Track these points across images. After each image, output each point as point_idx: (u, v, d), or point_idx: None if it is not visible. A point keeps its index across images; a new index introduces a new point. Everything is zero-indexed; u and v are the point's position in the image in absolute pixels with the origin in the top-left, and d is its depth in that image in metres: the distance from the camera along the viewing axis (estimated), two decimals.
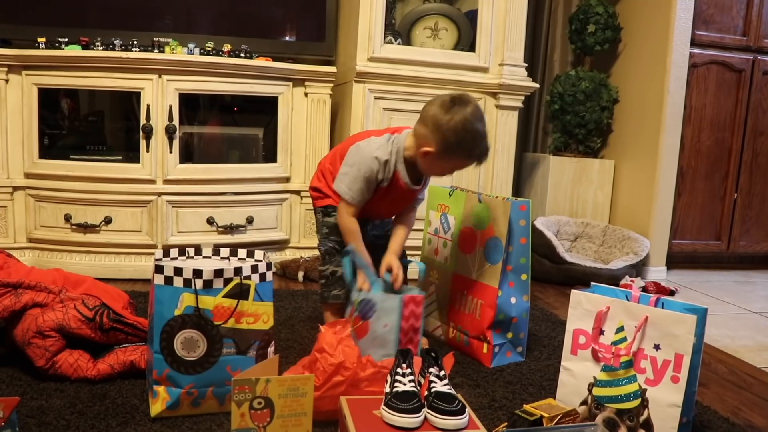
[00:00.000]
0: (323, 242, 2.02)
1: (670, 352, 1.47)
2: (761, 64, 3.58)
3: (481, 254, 2.01)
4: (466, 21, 3.19)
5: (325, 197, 2.02)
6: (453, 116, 1.75)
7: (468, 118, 1.75)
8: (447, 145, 1.77)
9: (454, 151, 1.79)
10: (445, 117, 1.76)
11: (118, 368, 1.63)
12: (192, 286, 1.43)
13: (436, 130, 1.77)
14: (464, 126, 1.75)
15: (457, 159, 1.83)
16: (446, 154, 1.80)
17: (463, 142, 1.77)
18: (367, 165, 1.86)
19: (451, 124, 1.75)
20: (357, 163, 1.88)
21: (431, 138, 1.78)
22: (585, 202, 3.63)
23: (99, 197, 2.68)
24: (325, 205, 2.02)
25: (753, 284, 3.49)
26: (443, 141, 1.77)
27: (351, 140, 2.01)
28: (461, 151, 1.79)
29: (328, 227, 2.01)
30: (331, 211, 2.00)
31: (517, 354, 2.03)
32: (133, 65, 2.66)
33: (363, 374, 1.47)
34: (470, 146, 1.79)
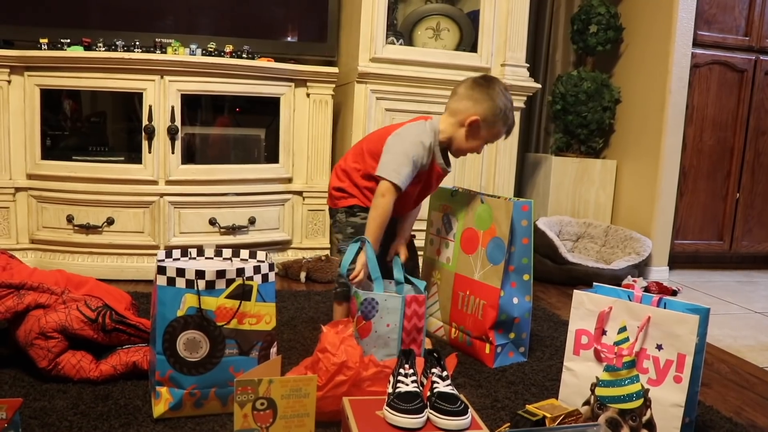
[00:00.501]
0: (347, 242, 1.97)
1: (673, 352, 1.47)
2: (763, 65, 3.58)
3: (483, 255, 2.01)
4: (468, 21, 3.19)
5: (350, 197, 2.00)
6: (493, 88, 1.95)
7: (504, 91, 1.97)
8: (493, 111, 1.93)
9: (497, 120, 1.95)
10: (487, 88, 1.94)
11: (121, 369, 1.63)
12: (194, 287, 1.43)
13: (480, 101, 1.93)
14: (505, 95, 1.95)
15: (497, 128, 1.97)
16: (492, 119, 1.94)
17: (505, 110, 1.95)
18: (414, 149, 1.90)
19: (494, 93, 1.93)
20: (403, 148, 1.91)
21: (475, 108, 1.93)
22: (587, 202, 3.63)
23: (101, 198, 2.69)
24: (350, 205, 2.00)
25: (755, 284, 3.49)
26: (490, 108, 1.93)
27: (376, 136, 2.02)
28: (502, 120, 1.96)
29: (354, 227, 1.99)
30: (357, 211, 1.99)
31: (519, 354, 2.03)
32: (135, 66, 2.66)
33: (365, 374, 1.46)
34: (508, 116, 1.97)
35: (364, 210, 1.97)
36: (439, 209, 2.22)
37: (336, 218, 2.04)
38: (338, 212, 2.03)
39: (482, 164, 3.10)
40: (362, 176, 1.97)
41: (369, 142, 2.02)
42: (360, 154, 2.01)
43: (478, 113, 1.93)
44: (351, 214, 2.01)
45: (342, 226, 2.02)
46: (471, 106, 1.94)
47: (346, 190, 2.01)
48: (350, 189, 2.00)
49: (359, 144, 2.06)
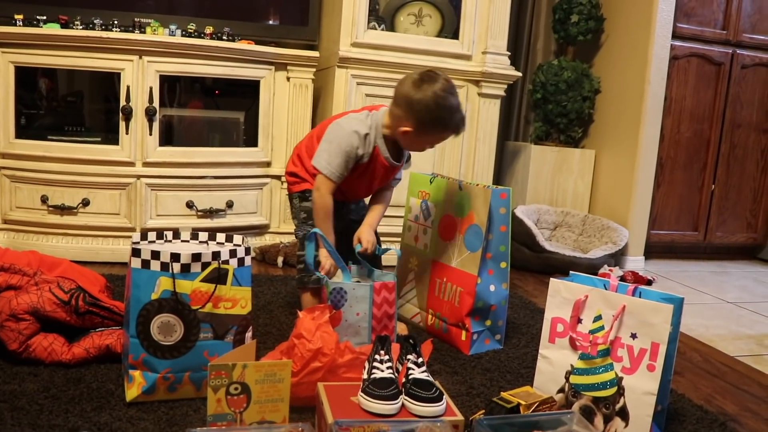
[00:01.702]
0: (301, 227, 2.02)
1: (647, 341, 1.48)
2: (740, 58, 3.62)
3: (461, 241, 2.01)
4: (450, 8, 3.18)
5: (303, 182, 2.01)
6: (424, 94, 1.81)
7: (438, 93, 1.81)
8: (422, 122, 1.84)
9: (430, 128, 1.86)
10: (417, 95, 1.81)
11: (94, 352, 1.61)
12: (169, 270, 1.41)
13: (409, 110, 1.83)
14: (436, 102, 1.81)
15: (434, 134, 1.89)
16: (423, 130, 1.86)
17: (437, 117, 1.83)
18: (346, 140, 1.88)
19: (423, 102, 1.81)
20: (337, 138, 1.89)
21: (406, 117, 1.85)
22: (565, 192, 3.65)
23: (77, 179, 2.65)
24: (302, 189, 2.01)
25: (728, 274, 3.54)
26: (418, 119, 1.83)
27: (327, 122, 2.00)
28: (437, 126, 1.86)
29: (306, 212, 2.00)
30: (309, 195, 1.98)
31: (495, 342, 2.03)
32: (113, 45, 2.62)
33: (341, 360, 1.46)
34: (445, 120, 1.85)
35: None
36: (418, 195, 2.22)
37: (292, 203, 2.05)
38: (293, 197, 2.04)
39: (461, 152, 3.10)
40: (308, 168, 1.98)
41: (321, 127, 2.01)
42: (311, 139, 2.01)
43: (410, 124, 1.85)
44: (303, 198, 2.01)
45: (296, 211, 2.02)
46: (403, 115, 1.85)
47: (299, 175, 2.01)
48: (302, 173, 2.00)
49: (315, 129, 2.06)
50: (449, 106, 1.84)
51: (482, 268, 1.96)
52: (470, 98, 3.07)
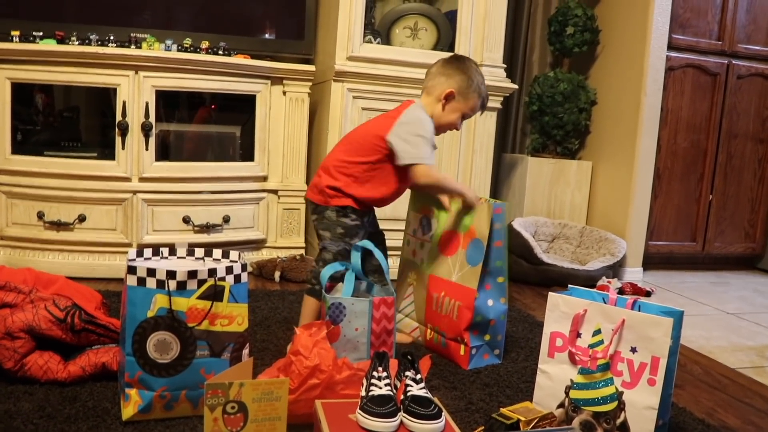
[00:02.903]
0: (336, 242, 1.96)
1: (647, 355, 1.47)
2: (735, 69, 3.63)
3: (462, 256, 2.00)
4: (445, 21, 3.18)
5: (345, 197, 1.97)
6: (464, 62, 2.07)
7: (475, 64, 2.09)
8: (466, 82, 2.02)
9: (471, 89, 2.03)
10: (458, 63, 2.05)
11: (90, 370, 1.60)
12: (165, 288, 1.40)
13: (452, 75, 2.03)
14: (476, 69, 2.06)
15: (473, 98, 2.05)
16: (465, 91, 2.03)
17: (478, 81, 2.04)
18: (429, 128, 1.99)
19: (465, 67, 2.04)
20: (418, 131, 1.96)
21: (448, 82, 2.02)
22: (562, 203, 3.64)
23: (73, 194, 2.64)
24: (344, 205, 1.98)
25: (727, 285, 3.53)
26: (463, 80, 2.02)
27: (363, 130, 2.04)
28: (477, 90, 2.04)
29: (345, 228, 1.97)
30: (350, 212, 1.97)
31: (494, 356, 2.02)
32: (109, 61, 2.62)
33: (339, 377, 1.45)
34: (483, 87, 2.06)
35: (356, 212, 1.97)
36: (419, 210, 2.20)
37: (324, 215, 1.99)
38: (328, 209, 1.99)
39: (458, 165, 3.10)
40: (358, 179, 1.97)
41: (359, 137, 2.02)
42: (350, 149, 1.99)
43: (452, 86, 2.02)
44: (344, 214, 1.97)
45: (331, 224, 1.97)
46: (444, 81, 2.03)
47: (342, 190, 1.97)
48: (346, 188, 1.96)
49: (349, 138, 2.06)
50: (483, 78, 2.08)
51: (480, 282, 1.95)
52: None
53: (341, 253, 1.95)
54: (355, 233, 1.97)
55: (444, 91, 2.02)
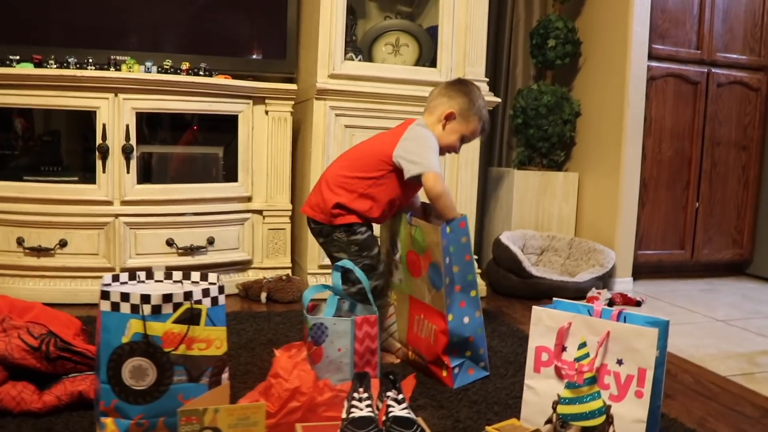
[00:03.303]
0: (357, 260, 1.95)
1: (633, 367, 1.45)
2: (715, 77, 3.65)
3: (427, 279, 1.94)
4: (427, 37, 3.18)
5: (350, 213, 1.97)
6: (467, 85, 2.10)
7: (478, 89, 2.12)
8: (468, 105, 2.05)
9: (473, 112, 2.06)
10: (460, 85, 2.09)
11: (66, 399, 1.56)
12: (140, 312, 1.37)
13: (454, 97, 2.06)
14: (478, 91, 2.10)
15: (474, 122, 2.08)
16: (467, 114, 2.06)
17: (479, 105, 2.08)
18: (434, 143, 2.02)
19: (468, 90, 2.08)
20: (424, 144, 1.99)
21: (450, 103, 2.06)
22: (550, 216, 3.63)
23: (53, 219, 2.61)
24: (351, 222, 1.97)
25: (717, 292, 3.52)
26: (464, 102, 2.05)
27: (368, 148, 2.06)
28: (478, 113, 2.08)
29: (358, 244, 1.98)
30: (357, 228, 1.98)
31: (480, 369, 1.97)
32: (88, 84, 2.60)
33: (320, 399, 1.42)
34: (484, 111, 2.10)
35: (363, 225, 1.98)
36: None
37: (334, 237, 1.98)
38: (335, 231, 1.98)
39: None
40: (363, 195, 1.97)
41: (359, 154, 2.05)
42: (352, 165, 2.00)
43: (453, 107, 2.05)
44: (352, 232, 1.97)
45: (344, 245, 1.96)
46: (446, 102, 2.06)
47: (347, 206, 1.96)
48: (351, 204, 1.96)
49: (349, 155, 2.07)
50: (485, 103, 2.13)
51: (452, 303, 1.89)
52: None
53: (366, 269, 1.94)
54: (369, 245, 2.00)
55: (445, 111, 2.05)
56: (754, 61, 3.76)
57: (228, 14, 3.05)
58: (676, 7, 3.53)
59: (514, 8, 3.83)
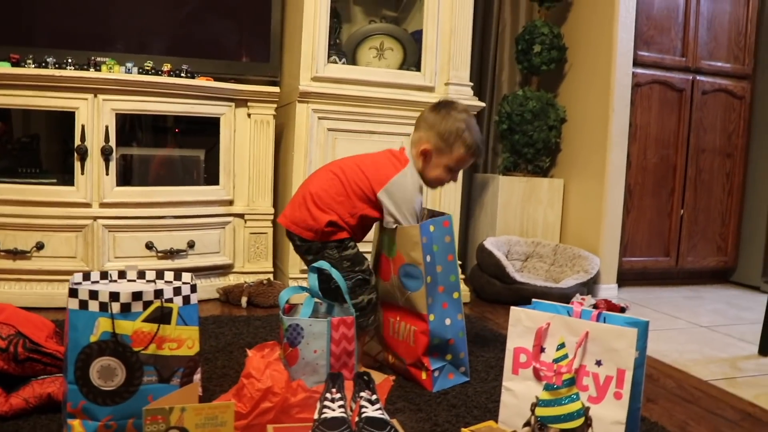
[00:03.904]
0: (351, 275, 1.93)
1: (612, 368, 1.43)
2: (700, 84, 3.67)
3: (397, 282, 1.91)
4: (411, 41, 3.17)
5: (341, 230, 1.94)
6: (444, 109, 1.95)
7: (461, 110, 1.96)
8: (444, 136, 1.92)
9: (450, 142, 1.93)
10: (437, 113, 1.95)
11: (34, 402, 1.52)
12: (108, 310, 1.34)
13: (431, 127, 1.94)
14: (457, 116, 1.93)
15: (456, 151, 1.95)
16: (443, 145, 1.94)
17: (459, 130, 1.92)
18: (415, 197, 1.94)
19: (445, 116, 1.93)
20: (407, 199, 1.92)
21: (426, 136, 1.95)
22: (535, 222, 3.61)
23: (30, 222, 2.57)
24: (342, 238, 1.94)
25: (701, 299, 3.51)
26: (439, 134, 1.93)
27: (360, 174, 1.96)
28: (460, 140, 1.93)
29: (350, 259, 1.94)
30: (348, 242, 1.95)
31: (460, 374, 1.94)
32: (67, 84, 2.56)
33: (294, 400, 1.39)
34: (467, 135, 1.94)
35: (350, 239, 1.96)
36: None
37: (325, 254, 1.94)
38: (327, 247, 1.94)
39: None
40: (350, 215, 1.94)
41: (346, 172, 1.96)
42: (340, 188, 1.94)
43: (429, 142, 1.95)
44: (343, 248, 1.94)
45: (335, 261, 1.91)
46: (423, 135, 1.96)
47: (338, 224, 1.93)
48: (341, 222, 1.93)
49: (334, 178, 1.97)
50: (470, 125, 1.95)
51: (435, 303, 1.86)
52: None
53: (358, 284, 1.93)
54: (360, 259, 1.96)
55: (420, 149, 1.96)
56: (738, 70, 3.77)
57: (211, 16, 3.03)
58: (661, 15, 3.54)
59: (500, 13, 3.83)
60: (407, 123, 2.96)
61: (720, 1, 3.69)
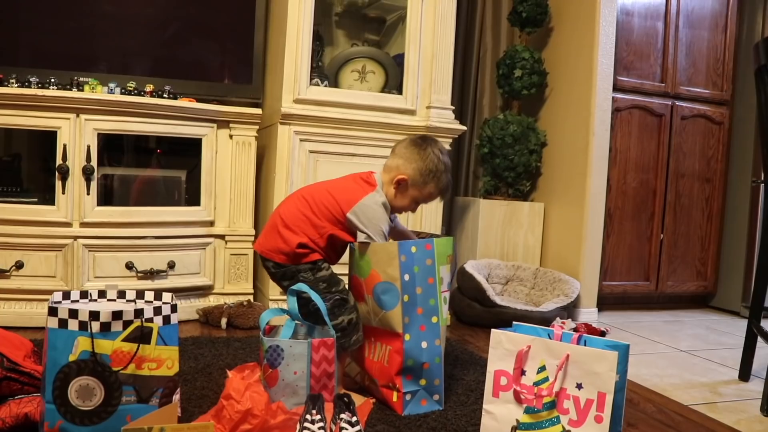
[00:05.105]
0: (328, 296, 1.92)
1: (593, 391, 1.44)
2: (679, 110, 3.72)
3: (371, 302, 1.90)
4: (393, 65, 3.20)
5: (312, 252, 1.95)
6: (427, 147, 2.00)
7: (441, 150, 2.03)
8: (422, 171, 1.98)
9: (428, 178, 2.00)
10: (419, 148, 2.00)
11: (10, 422, 1.50)
12: (88, 329, 1.33)
13: (411, 160, 1.99)
14: (439, 156, 2.00)
15: (429, 187, 2.02)
16: (421, 180, 2.00)
17: (436, 170, 1.99)
18: (383, 218, 1.98)
19: (426, 153, 1.99)
20: (375, 218, 1.96)
21: (405, 167, 1.99)
22: (516, 245, 3.63)
23: (9, 240, 2.55)
24: (314, 260, 1.95)
25: (681, 323, 3.53)
26: (418, 168, 1.98)
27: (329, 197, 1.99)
28: (435, 179, 2.00)
29: (326, 281, 1.95)
30: (321, 264, 1.96)
31: (434, 402, 1.89)
32: (49, 103, 2.55)
33: (273, 422, 1.38)
34: (442, 176, 2.02)
35: (324, 261, 1.97)
36: None
37: (300, 277, 1.94)
38: (300, 271, 1.95)
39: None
40: (319, 235, 1.96)
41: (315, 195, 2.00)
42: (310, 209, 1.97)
43: (407, 172, 1.99)
44: (318, 269, 1.95)
45: (311, 283, 1.92)
46: (401, 164, 2.00)
47: (308, 246, 1.94)
48: (311, 244, 1.95)
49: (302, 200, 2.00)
50: (446, 166, 2.03)
51: (412, 324, 1.84)
52: None
53: (336, 305, 1.93)
54: (336, 280, 1.97)
55: (397, 176, 2.00)
56: (717, 95, 3.84)
57: (194, 38, 3.04)
58: (641, 41, 3.60)
59: (481, 38, 3.87)
60: (388, 146, 2.95)
61: (698, 28, 3.77)
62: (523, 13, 3.57)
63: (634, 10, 3.60)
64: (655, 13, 3.65)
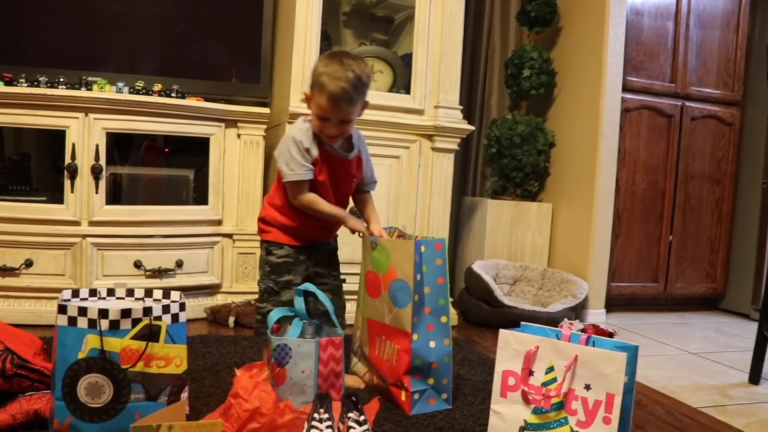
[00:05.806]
0: (264, 279, 1.95)
1: (601, 392, 1.43)
2: (689, 110, 3.70)
3: (387, 298, 1.90)
4: (401, 64, 3.19)
5: (268, 232, 1.97)
6: (323, 57, 1.83)
7: (330, 56, 1.81)
8: (311, 83, 1.81)
9: (315, 85, 1.79)
10: (321, 59, 1.83)
11: (21, 418, 1.50)
12: (97, 327, 1.33)
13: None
14: (334, 59, 1.78)
15: (315, 95, 1.80)
16: (312, 90, 1.81)
17: (323, 74, 1.77)
18: (291, 142, 1.85)
19: (319, 61, 1.82)
20: (283, 147, 1.87)
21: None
22: (523, 246, 3.62)
23: (19, 239, 2.56)
24: (267, 240, 1.97)
25: (690, 325, 3.52)
26: (312, 75, 1.81)
27: None
28: (319, 84, 1.77)
29: (270, 266, 1.95)
30: (273, 249, 1.95)
31: (442, 401, 1.90)
32: (58, 102, 2.56)
33: (281, 420, 1.38)
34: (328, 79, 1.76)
35: (278, 246, 1.95)
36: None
37: (261, 252, 2.00)
38: (262, 246, 1.99)
39: (416, 206, 3.07)
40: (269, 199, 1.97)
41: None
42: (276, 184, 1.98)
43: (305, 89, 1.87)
44: (268, 252, 1.96)
45: (261, 262, 1.97)
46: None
47: (266, 220, 1.98)
48: (270, 219, 1.97)
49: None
50: (339, 69, 1.76)
51: (420, 323, 1.84)
52: (423, 152, 3.06)
53: (267, 291, 1.93)
54: (283, 271, 1.94)
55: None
56: (727, 96, 3.82)
57: (202, 37, 3.05)
58: (651, 40, 3.59)
59: (490, 38, 3.87)
60: (397, 146, 2.98)
61: (709, 28, 3.75)
62: (532, 13, 3.56)
63: (644, 9, 3.59)
64: (665, 12, 3.64)
